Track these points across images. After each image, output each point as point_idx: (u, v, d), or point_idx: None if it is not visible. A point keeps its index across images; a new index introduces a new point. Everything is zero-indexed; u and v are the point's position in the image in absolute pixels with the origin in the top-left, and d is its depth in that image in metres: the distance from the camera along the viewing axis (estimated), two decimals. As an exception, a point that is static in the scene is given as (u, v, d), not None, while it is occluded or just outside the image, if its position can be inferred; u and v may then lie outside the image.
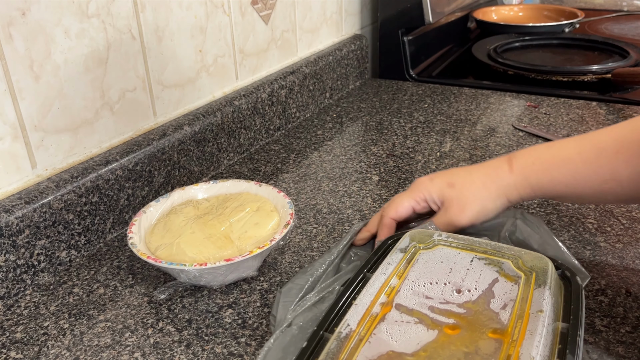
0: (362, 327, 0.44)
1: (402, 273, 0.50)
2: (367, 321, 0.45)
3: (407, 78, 1.23)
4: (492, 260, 0.51)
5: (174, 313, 0.56)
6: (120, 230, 0.71)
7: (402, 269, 0.50)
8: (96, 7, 0.66)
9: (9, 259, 0.58)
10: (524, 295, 0.46)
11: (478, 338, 0.42)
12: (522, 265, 0.50)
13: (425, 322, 0.44)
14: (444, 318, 0.45)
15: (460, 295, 0.47)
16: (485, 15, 1.55)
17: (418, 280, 0.49)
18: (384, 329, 0.44)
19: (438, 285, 0.48)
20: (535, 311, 0.44)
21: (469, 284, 0.48)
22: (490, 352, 0.41)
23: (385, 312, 0.46)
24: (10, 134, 0.60)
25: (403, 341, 0.43)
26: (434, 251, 0.53)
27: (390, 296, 0.47)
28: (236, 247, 0.58)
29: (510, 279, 0.48)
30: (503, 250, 0.52)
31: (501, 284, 0.48)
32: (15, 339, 0.54)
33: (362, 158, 0.88)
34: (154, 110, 0.77)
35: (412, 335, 0.43)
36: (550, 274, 0.48)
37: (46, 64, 0.62)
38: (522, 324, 0.43)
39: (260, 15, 0.93)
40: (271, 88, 0.94)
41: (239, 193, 0.67)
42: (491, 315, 0.45)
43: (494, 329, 0.43)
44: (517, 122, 0.97)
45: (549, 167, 0.56)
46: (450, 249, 0.53)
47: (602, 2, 2.03)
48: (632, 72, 1.09)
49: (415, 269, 0.51)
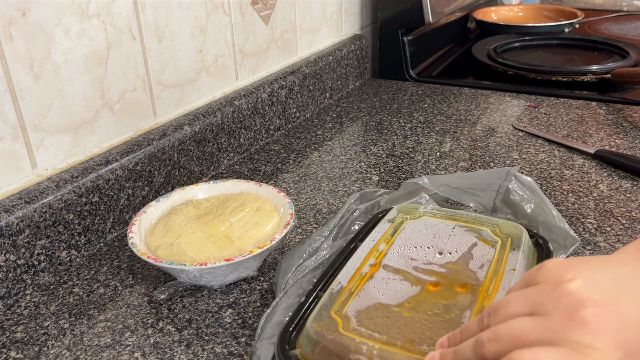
0: (352, 284, 0.49)
1: (390, 239, 0.55)
2: (356, 279, 0.50)
3: (407, 78, 1.23)
4: (472, 227, 0.56)
5: (174, 313, 0.56)
6: (121, 230, 0.71)
7: (389, 236, 0.56)
8: (96, 7, 0.66)
9: (9, 259, 0.58)
10: (500, 257, 0.52)
11: (457, 293, 0.47)
12: (499, 232, 0.55)
13: (410, 279, 0.49)
14: (426, 276, 0.50)
15: (442, 256, 0.52)
16: (485, 15, 1.55)
17: (404, 244, 0.54)
18: (372, 285, 0.49)
19: (422, 248, 0.54)
20: (508, 270, 0.50)
21: (450, 247, 0.53)
22: (467, 304, 0.46)
23: (374, 271, 0.51)
24: (11, 134, 0.60)
25: (389, 295, 0.48)
26: (419, 221, 0.58)
27: (378, 259, 0.53)
28: (236, 247, 0.58)
29: (487, 243, 0.54)
30: (482, 219, 0.58)
31: (479, 247, 0.53)
32: (15, 338, 0.54)
33: (362, 158, 0.88)
34: (154, 110, 0.77)
35: (397, 290, 0.48)
36: (524, 240, 0.54)
37: (46, 64, 0.62)
38: (496, 281, 0.48)
39: (260, 15, 0.93)
40: (271, 88, 0.94)
41: (239, 193, 0.67)
42: (469, 273, 0.50)
43: (471, 285, 0.48)
44: (517, 122, 0.97)
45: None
46: (435, 218, 0.58)
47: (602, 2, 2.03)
48: (632, 72, 1.09)
49: (402, 235, 0.56)
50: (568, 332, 0.33)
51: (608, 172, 0.79)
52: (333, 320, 0.45)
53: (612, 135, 0.91)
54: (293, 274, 0.56)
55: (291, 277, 0.56)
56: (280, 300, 0.53)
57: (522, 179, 0.63)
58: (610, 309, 0.33)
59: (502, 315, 0.37)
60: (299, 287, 0.54)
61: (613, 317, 0.33)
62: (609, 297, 0.34)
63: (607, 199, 0.72)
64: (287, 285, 0.55)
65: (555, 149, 0.87)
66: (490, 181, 0.64)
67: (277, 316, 0.50)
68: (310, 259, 0.58)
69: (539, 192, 0.62)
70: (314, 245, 0.60)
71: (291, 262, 0.58)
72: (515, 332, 0.34)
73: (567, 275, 0.35)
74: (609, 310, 0.33)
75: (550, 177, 0.79)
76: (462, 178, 0.66)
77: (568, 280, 0.35)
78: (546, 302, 0.35)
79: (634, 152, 0.84)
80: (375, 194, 0.68)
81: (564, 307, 0.34)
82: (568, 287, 0.34)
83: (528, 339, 0.34)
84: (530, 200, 0.62)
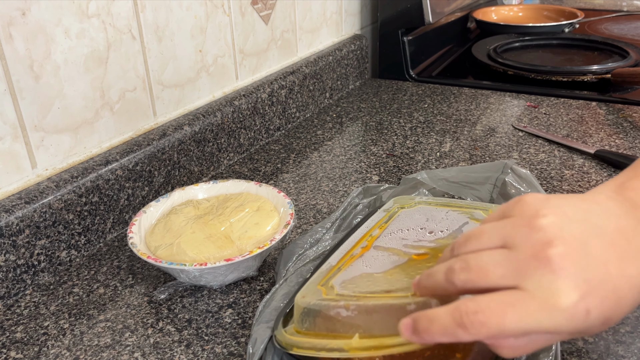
0: (342, 263, 0.50)
1: (384, 226, 0.56)
2: (346, 259, 0.50)
3: (407, 78, 1.23)
4: (465, 211, 0.56)
5: (174, 313, 0.56)
6: (120, 230, 0.71)
7: (383, 223, 0.56)
8: (96, 7, 0.66)
9: (9, 259, 0.58)
10: None
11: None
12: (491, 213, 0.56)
13: (399, 254, 0.50)
14: (415, 250, 0.50)
15: (432, 234, 0.53)
16: (485, 15, 1.55)
17: (397, 228, 0.55)
18: (361, 262, 0.50)
19: (414, 230, 0.54)
20: None
21: (441, 227, 0.54)
22: None
23: (364, 252, 0.51)
24: (10, 134, 0.60)
25: (375, 266, 0.48)
26: (414, 208, 0.59)
27: (370, 242, 0.53)
28: (236, 247, 0.58)
29: (478, 222, 0.54)
30: (476, 205, 0.58)
31: (470, 225, 0.54)
32: (15, 338, 0.54)
33: (362, 158, 0.88)
34: (154, 110, 0.77)
35: (384, 262, 0.48)
36: None
37: (46, 64, 0.62)
38: None
39: (260, 15, 0.93)
40: (271, 88, 0.94)
41: (239, 193, 0.67)
42: None
43: None
44: (517, 122, 0.97)
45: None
46: (429, 206, 0.59)
47: (602, 2, 2.03)
48: (632, 72, 1.09)
49: (396, 221, 0.56)
50: (531, 270, 0.34)
51: (608, 172, 0.79)
52: (318, 290, 0.46)
53: (612, 135, 0.91)
54: (293, 263, 0.58)
55: (292, 265, 0.57)
56: (279, 287, 0.54)
57: (519, 172, 0.63)
58: (576, 248, 0.34)
59: (474, 245, 0.38)
60: (299, 275, 0.56)
61: (577, 257, 0.34)
62: (577, 235, 0.35)
63: (607, 199, 0.72)
64: (287, 273, 0.56)
65: (555, 149, 0.87)
66: (487, 174, 0.65)
67: (276, 302, 0.52)
68: (311, 249, 0.60)
69: (536, 184, 0.62)
70: (316, 236, 0.62)
71: (292, 251, 0.59)
72: (483, 264, 0.36)
73: (541, 210, 0.36)
74: (574, 248, 0.34)
75: (551, 177, 0.79)
76: (460, 172, 0.67)
77: (542, 216, 0.36)
78: (517, 236, 0.36)
79: (634, 152, 0.84)
80: (378, 188, 0.69)
81: (532, 243, 0.35)
82: (540, 222, 0.35)
83: (494, 273, 0.35)
84: (526, 192, 0.62)
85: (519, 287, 0.34)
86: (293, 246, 0.61)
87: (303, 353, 0.42)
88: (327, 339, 0.42)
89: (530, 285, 0.34)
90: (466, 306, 0.34)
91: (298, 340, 0.43)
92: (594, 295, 0.33)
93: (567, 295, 0.33)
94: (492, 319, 0.33)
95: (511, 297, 0.34)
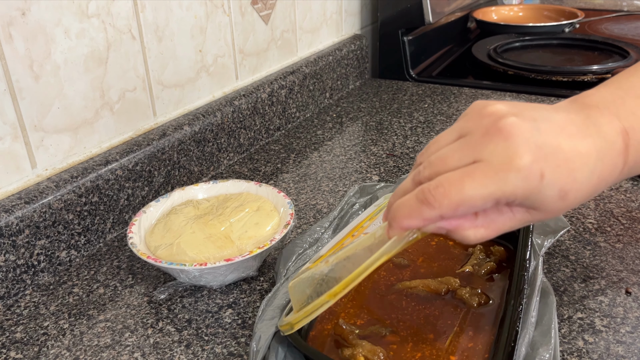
0: (332, 252, 0.50)
1: (374, 217, 0.56)
2: (336, 249, 0.51)
3: (407, 78, 1.23)
4: None
5: (174, 313, 0.56)
6: (120, 230, 0.71)
7: (374, 215, 0.56)
8: (96, 7, 0.66)
9: (9, 259, 0.58)
10: None
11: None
12: None
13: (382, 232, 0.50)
14: None
15: None
16: (485, 15, 1.55)
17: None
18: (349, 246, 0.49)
19: None
20: None
21: None
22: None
23: (353, 240, 0.51)
24: (10, 134, 0.60)
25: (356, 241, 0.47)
26: None
27: (360, 233, 0.53)
28: (236, 247, 0.58)
29: None
30: None
31: None
32: (15, 339, 0.54)
33: (362, 158, 0.88)
34: (154, 110, 0.77)
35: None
36: None
37: (46, 64, 0.62)
38: None
39: (260, 15, 0.93)
40: (271, 88, 0.94)
41: (239, 193, 0.67)
42: None
43: None
44: (517, 122, 0.97)
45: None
46: None
47: (602, 2, 2.03)
48: (632, 72, 1.09)
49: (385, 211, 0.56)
50: (485, 143, 0.36)
51: (608, 172, 0.79)
52: (306, 270, 0.47)
53: (612, 135, 0.90)
54: (293, 262, 0.58)
55: (292, 265, 0.58)
56: (281, 286, 0.55)
57: None
58: (527, 120, 0.36)
59: (433, 148, 0.40)
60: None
61: (529, 127, 0.35)
62: (527, 114, 0.37)
63: (607, 199, 0.72)
64: (287, 272, 0.57)
65: (555, 149, 0.87)
66: None
67: (278, 300, 0.52)
68: (310, 249, 0.60)
69: None
70: (315, 236, 0.63)
71: (292, 251, 0.60)
72: (443, 154, 0.38)
73: (490, 102, 0.38)
74: (525, 119, 0.36)
75: (551, 177, 0.79)
76: None
77: (491, 105, 0.38)
78: (470, 124, 0.38)
79: (634, 152, 0.84)
80: (374, 187, 0.69)
81: (484, 124, 0.37)
82: (490, 109, 0.37)
83: (452, 157, 0.37)
84: None
85: (476, 160, 0.36)
86: (292, 246, 0.61)
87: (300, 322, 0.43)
88: (318, 299, 0.43)
89: (486, 155, 0.35)
90: (428, 184, 0.36)
91: (294, 316, 0.44)
92: (547, 160, 0.35)
93: (520, 156, 0.34)
94: (452, 189, 0.35)
95: (469, 168, 0.36)
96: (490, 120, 0.36)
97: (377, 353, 0.45)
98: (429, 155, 0.39)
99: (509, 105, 0.38)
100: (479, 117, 0.37)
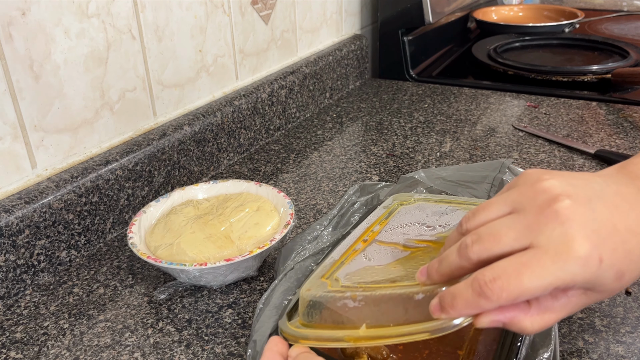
0: (345, 257, 0.50)
1: (384, 222, 0.56)
2: (349, 254, 0.50)
3: (407, 78, 1.23)
4: (464, 207, 0.56)
5: (174, 313, 0.56)
6: (120, 230, 0.71)
7: (384, 219, 0.56)
8: (96, 7, 0.66)
9: (9, 259, 0.58)
10: None
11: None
12: None
13: (400, 248, 0.50)
14: (417, 244, 0.50)
15: (433, 229, 0.52)
16: (485, 15, 1.55)
17: (397, 224, 0.55)
18: (363, 255, 0.50)
19: (414, 225, 0.54)
20: None
21: (441, 222, 0.53)
22: None
23: (366, 246, 0.51)
24: (10, 134, 0.60)
25: (377, 260, 0.48)
26: (413, 205, 0.59)
27: (371, 237, 0.53)
28: (236, 247, 0.58)
29: None
30: (475, 201, 0.58)
31: None
32: (15, 339, 0.54)
33: (362, 158, 0.88)
34: (154, 110, 0.77)
35: (386, 256, 0.49)
36: None
37: (46, 64, 0.62)
38: None
39: (260, 15, 0.93)
40: (271, 88, 0.94)
41: (239, 193, 0.67)
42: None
43: None
44: (517, 122, 0.97)
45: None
46: (429, 203, 0.59)
47: (602, 2, 2.03)
48: (632, 72, 1.09)
49: (396, 217, 0.56)
50: (541, 226, 0.35)
51: (608, 172, 0.79)
52: (323, 283, 0.46)
53: (612, 135, 0.90)
54: (292, 260, 0.58)
55: (290, 263, 0.58)
56: (279, 283, 0.54)
57: (516, 171, 0.64)
58: (582, 202, 0.35)
59: (482, 217, 0.38)
60: (298, 272, 0.56)
61: (584, 210, 0.35)
62: (581, 193, 0.36)
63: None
64: (286, 269, 0.56)
65: (555, 149, 0.87)
66: (484, 173, 0.65)
67: (275, 299, 0.51)
68: (310, 245, 0.60)
69: None
70: (314, 234, 0.62)
71: (291, 249, 0.60)
72: (495, 230, 0.36)
73: (543, 176, 0.37)
74: (580, 203, 0.35)
75: (551, 177, 0.79)
76: (457, 171, 0.67)
77: (544, 180, 0.37)
78: (523, 199, 0.37)
79: (634, 152, 0.84)
80: (375, 186, 0.69)
81: (539, 203, 0.36)
82: (544, 184, 0.36)
83: (507, 236, 0.36)
84: None
85: (532, 245, 0.35)
86: (292, 244, 0.61)
87: (309, 344, 0.43)
88: (334, 330, 0.42)
89: (542, 241, 0.34)
90: (483, 275, 0.35)
91: (304, 332, 0.43)
92: (604, 245, 0.34)
93: (579, 244, 0.34)
94: (511, 282, 0.34)
95: (525, 256, 0.34)
96: (544, 199, 0.36)
97: (380, 351, 0.44)
98: (477, 223, 0.38)
99: (562, 179, 0.37)
100: (533, 192, 0.37)
